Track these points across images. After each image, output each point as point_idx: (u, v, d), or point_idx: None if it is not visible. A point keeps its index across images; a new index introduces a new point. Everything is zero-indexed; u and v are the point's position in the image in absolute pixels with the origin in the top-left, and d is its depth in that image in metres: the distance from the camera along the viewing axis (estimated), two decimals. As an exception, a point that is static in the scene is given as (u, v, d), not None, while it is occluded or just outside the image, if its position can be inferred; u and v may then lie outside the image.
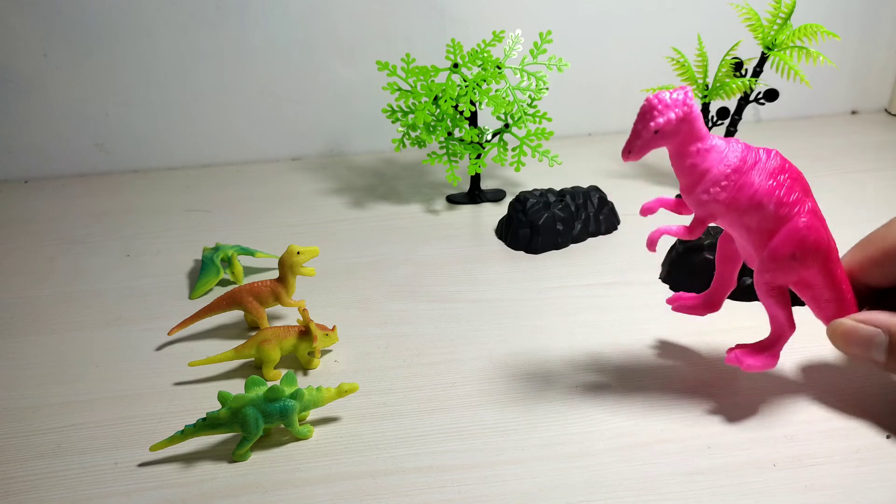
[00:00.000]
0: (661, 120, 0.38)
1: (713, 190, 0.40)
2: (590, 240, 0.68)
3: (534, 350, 0.52)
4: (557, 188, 0.71)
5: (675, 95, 0.39)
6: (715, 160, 0.40)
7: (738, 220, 0.41)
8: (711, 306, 0.48)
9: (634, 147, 0.40)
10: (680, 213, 0.44)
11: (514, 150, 0.73)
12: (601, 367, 0.50)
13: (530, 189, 0.70)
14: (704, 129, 0.40)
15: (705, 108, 0.68)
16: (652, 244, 0.43)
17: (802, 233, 0.40)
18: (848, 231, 0.67)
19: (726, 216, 0.41)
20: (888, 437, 0.42)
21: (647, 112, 0.39)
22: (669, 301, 0.49)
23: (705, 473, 0.40)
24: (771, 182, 0.40)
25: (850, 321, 0.42)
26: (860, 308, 0.44)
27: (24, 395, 0.50)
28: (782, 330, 0.43)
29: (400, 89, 0.72)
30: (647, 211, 0.44)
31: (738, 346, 0.45)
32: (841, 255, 0.45)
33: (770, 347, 0.44)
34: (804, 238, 0.40)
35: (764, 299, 0.43)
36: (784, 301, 0.42)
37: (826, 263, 0.42)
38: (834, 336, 0.43)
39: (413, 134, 0.74)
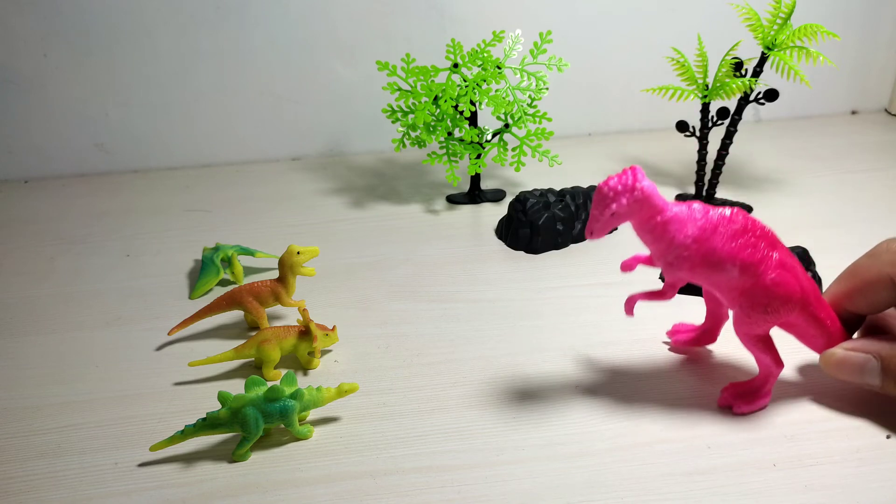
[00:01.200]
0: (613, 206, 0.40)
1: (676, 259, 0.42)
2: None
3: (534, 350, 0.52)
4: (557, 188, 0.71)
5: (624, 179, 0.40)
6: (676, 230, 0.41)
7: (707, 281, 0.43)
8: (708, 340, 0.50)
9: (595, 228, 0.42)
10: (657, 266, 0.45)
11: (514, 150, 0.73)
12: (601, 367, 0.50)
13: (530, 189, 0.70)
14: (661, 201, 0.41)
15: (705, 108, 0.68)
16: (629, 309, 0.45)
17: (770, 289, 0.41)
18: (847, 232, 0.67)
19: (694, 278, 0.43)
20: (888, 437, 0.42)
21: (599, 200, 0.41)
22: (669, 334, 0.52)
23: (705, 473, 0.41)
24: (733, 245, 0.41)
25: (841, 350, 0.43)
26: (850, 335, 0.45)
27: (24, 395, 0.50)
28: (770, 370, 0.44)
29: (400, 89, 0.72)
30: (626, 268, 0.47)
31: (730, 387, 0.46)
32: (841, 253, 0.45)
33: (760, 388, 0.45)
34: (772, 293, 0.41)
35: (747, 346, 0.44)
36: (767, 345, 0.44)
37: (805, 307, 0.43)
38: (827, 366, 0.44)
39: (413, 134, 0.74)
